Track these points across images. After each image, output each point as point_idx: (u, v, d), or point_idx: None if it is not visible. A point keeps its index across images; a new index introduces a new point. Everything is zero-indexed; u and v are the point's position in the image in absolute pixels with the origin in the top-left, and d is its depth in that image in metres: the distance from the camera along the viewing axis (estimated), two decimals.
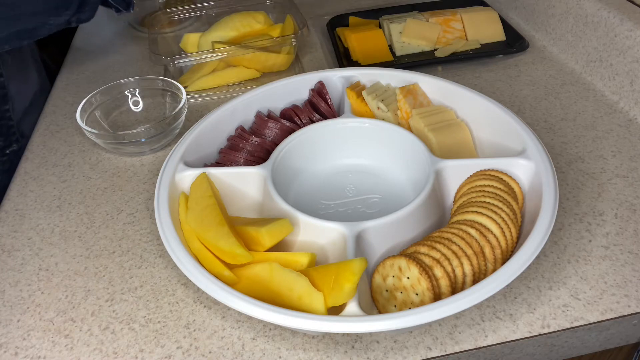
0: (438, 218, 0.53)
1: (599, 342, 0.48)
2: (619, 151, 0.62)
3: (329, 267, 0.44)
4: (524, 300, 0.48)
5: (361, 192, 0.58)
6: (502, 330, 0.46)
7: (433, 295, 0.43)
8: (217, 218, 0.48)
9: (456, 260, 0.44)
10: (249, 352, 0.45)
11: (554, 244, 0.53)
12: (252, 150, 0.59)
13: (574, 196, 0.57)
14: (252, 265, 0.46)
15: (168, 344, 0.46)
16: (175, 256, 0.45)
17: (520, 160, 0.52)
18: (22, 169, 0.66)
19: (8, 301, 0.50)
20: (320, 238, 0.49)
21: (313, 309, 0.42)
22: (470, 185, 0.52)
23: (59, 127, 0.73)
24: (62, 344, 0.47)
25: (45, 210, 0.60)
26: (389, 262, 0.45)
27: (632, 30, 0.66)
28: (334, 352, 0.45)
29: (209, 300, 0.49)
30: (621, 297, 0.47)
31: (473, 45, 0.81)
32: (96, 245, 0.56)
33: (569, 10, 0.77)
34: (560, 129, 0.66)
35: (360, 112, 0.63)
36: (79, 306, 0.50)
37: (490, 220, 0.47)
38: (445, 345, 0.45)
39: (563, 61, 0.79)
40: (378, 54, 0.81)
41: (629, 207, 0.56)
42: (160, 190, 0.51)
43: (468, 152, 0.59)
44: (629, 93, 0.68)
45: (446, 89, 0.63)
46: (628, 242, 0.52)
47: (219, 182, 0.54)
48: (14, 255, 0.55)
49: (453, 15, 0.84)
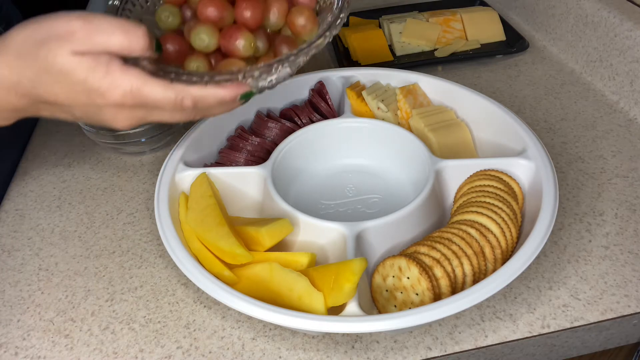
0: (438, 218, 0.53)
1: (599, 342, 0.48)
2: (619, 151, 0.62)
3: (329, 267, 0.44)
4: (524, 300, 0.48)
5: (361, 192, 0.58)
6: (502, 330, 0.46)
7: (433, 295, 0.43)
8: (217, 218, 0.48)
9: (456, 260, 0.44)
10: (249, 352, 0.45)
11: (554, 244, 0.53)
12: (252, 150, 0.59)
13: (574, 196, 0.57)
14: (252, 265, 0.46)
15: (168, 344, 0.46)
16: (175, 256, 0.45)
17: (520, 160, 0.52)
18: (22, 169, 0.66)
19: (8, 301, 0.50)
20: (320, 238, 0.49)
21: (313, 309, 0.42)
22: (470, 185, 0.52)
23: (59, 127, 0.73)
24: (62, 344, 0.47)
25: (45, 210, 0.60)
26: (389, 262, 0.45)
27: (632, 30, 0.66)
28: (334, 352, 0.45)
29: (209, 300, 0.49)
30: (621, 297, 0.48)
31: (473, 45, 0.81)
32: (96, 245, 0.56)
33: (569, 10, 0.77)
34: (560, 129, 0.67)
35: (360, 112, 0.63)
36: (79, 306, 0.50)
37: (490, 220, 0.47)
38: (445, 345, 0.45)
39: (563, 61, 0.79)
40: (378, 54, 0.81)
41: (629, 207, 0.56)
42: (160, 190, 0.51)
43: (468, 152, 0.59)
44: (629, 93, 0.68)
45: (446, 89, 0.63)
46: (628, 242, 0.52)
47: (219, 182, 0.54)
48: (14, 255, 0.55)
49: (453, 15, 0.84)
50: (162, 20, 0.44)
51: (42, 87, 0.39)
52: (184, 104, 0.40)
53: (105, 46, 0.37)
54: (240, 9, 0.43)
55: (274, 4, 0.44)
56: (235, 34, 0.42)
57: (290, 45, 0.44)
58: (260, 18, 0.43)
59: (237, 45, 0.41)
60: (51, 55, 0.37)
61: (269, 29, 0.45)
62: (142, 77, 0.39)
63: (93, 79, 0.38)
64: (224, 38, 0.42)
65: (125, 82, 0.38)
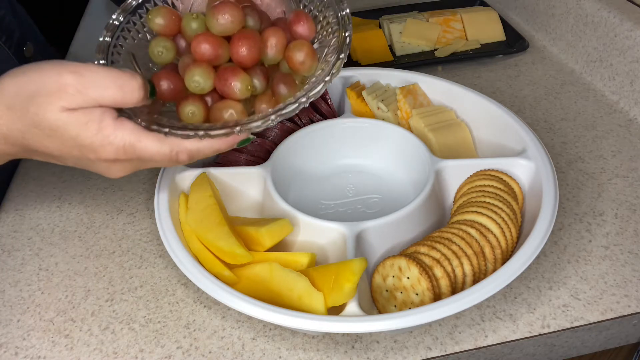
0: (438, 218, 0.53)
1: (599, 342, 0.48)
2: (619, 151, 0.62)
3: (329, 267, 0.44)
4: (524, 300, 0.48)
5: (361, 192, 0.58)
6: (502, 330, 0.46)
7: (433, 295, 0.43)
8: (217, 218, 0.48)
9: (456, 260, 0.44)
10: (249, 352, 0.45)
11: (554, 244, 0.53)
12: (252, 150, 0.59)
13: (574, 196, 0.57)
14: (252, 265, 0.46)
15: (168, 344, 0.46)
16: (175, 256, 0.45)
17: (520, 160, 0.52)
18: (22, 169, 0.66)
19: (8, 301, 0.50)
20: (320, 238, 0.49)
21: (313, 309, 0.42)
22: (470, 185, 0.52)
23: None
24: (62, 344, 0.47)
25: (45, 210, 0.60)
26: (389, 262, 0.45)
27: (632, 30, 0.66)
28: (334, 352, 0.45)
29: (209, 300, 0.49)
30: (621, 297, 0.48)
31: (473, 45, 0.81)
32: (96, 245, 0.56)
33: (569, 10, 0.77)
34: (560, 129, 0.67)
35: (360, 112, 0.63)
36: (79, 306, 0.50)
37: (490, 220, 0.47)
38: (445, 345, 0.45)
39: (563, 61, 0.79)
40: (378, 54, 0.81)
41: (629, 207, 0.56)
42: (160, 190, 0.51)
43: (468, 152, 0.59)
44: (629, 93, 0.68)
45: (446, 89, 0.63)
46: (628, 242, 0.52)
47: (219, 182, 0.54)
48: (14, 255, 0.55)
49: (453, 15, 0.84)
50: (156, 56, 0.43)
51: (32, 140, 0.38)
52: (179, 158, 0.39)
53: (98, 101, 0.36)
54: (236, 47, 0.40)
55: (272, 37, 0.42)
56: (231, 77, 0.40)
57: (288, 85, 0.42)
58: (257, 56, 0.41)
59: (233, 88, 0.40)
60: (41, 112, 0.36)
61: (266, 63, 0.43)
62: (136, 132, 0.38)
63: (85, 135, 0.37)
64: (220, 81, 0.40)
65: (118, 138, 0.37)
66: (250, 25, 0.42)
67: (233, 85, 0.40)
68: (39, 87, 0.36)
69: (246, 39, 0.40)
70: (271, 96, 0.42)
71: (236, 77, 0.40)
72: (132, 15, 0.45)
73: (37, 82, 0.36)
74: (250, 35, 0.41)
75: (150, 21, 0.43)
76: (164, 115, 0.42)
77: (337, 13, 0.44)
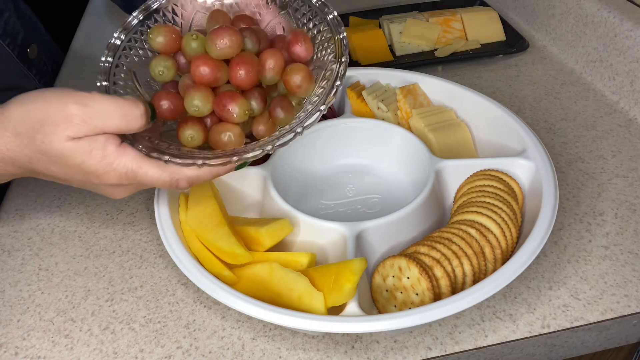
0: (438, 218, 0.53)
1: (599, 342, 0.48)
2: (619, 151, 0.62)
3: (329, 267, 0.44)
4: (524, 300, 0.48)
5: (361, 192, 0.58)
6: (502, 330, 0.46)
7: (433, 295, 0.43)
8: (217, 218, 0.48)
9: (456, 260, 0.44)
10: (249, 352, 0.45)
11: (554, 244, 0.53)
12: None
13: (574, 196, 0.57)
14: (252, 265, 0.46)
15: (168, 344, 0.46)
16: (175, 256, 0.45)
17: (520, 160, 0.52)
18: None
19: (8, 301, 0.50)
20: (320, 238, 0.49)
21: (313, 309, 0.42)
22: (470, 185, 0.52)
23: None
24: (62, 344, 0.47)
25: (45, 210, 0.60)
26: (389, 262, 0.45)
27: (632, 30, 0.66)
28: (334, 352, 0.45)
29: (209, 300, 0.49)
30: (621, 297, 0.48)
31: (473, 45, 0.81)
32: (96, 245, 0.56)
33: (569, 10, 0.77)
34: (560, 129, 0.67)
35: (360, 112, 0.63)
36: (79, 306, 0.50)
37: (490, 220, 0.47)
38: (445, 345, 0.45)
39: (563, 61, 0.79)
40: (378, 54, 0.81)
41: (629, 207, 0.56)
42: (160, 190, 0.51)
43: (468, 152, 0.59)
44: (629, 93, 0.68)
45: (446, 89, 0.63)
46: (628, 242, 0.52)
47: (219, 182, 0.54)
48: (14, 255, 0.55)
49: (453, 15, 0.84)
50: (157, 75, 0.43)
51: (39, 165, 0.40)
52: (179, 185, 0.41)
53: (103, 129, 0.38)
54: (234, 70, 0.41)
55: (269, 59, 0.42)
56: (229, 102, 0.41)
57: (285, 109, 0.43)
58: (254, 80, 0.42)
59: (231, 113, 0.41)
60: (48, 140, 0.38)
61: (264, 84, 0.44)
62: (138, 160, 0.39)
63: (90, 163, 0.39)
64: (218, 106, 0.41)
65: (121, 165, 0.39)
66: (249, 47, 0.43)
67: (231, 110, 0.41)
68: (45, 116, 0.38)
69: (244, 64, 0.41)
70: (269, 117, 0.43)
71: (234, 102, 0.41)
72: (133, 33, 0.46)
73: (43, 111, 0.38)
74: (249, 60, 0.41)
75: (152, 40, 0.43)
76: (164, 136, 0.43)
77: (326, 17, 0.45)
